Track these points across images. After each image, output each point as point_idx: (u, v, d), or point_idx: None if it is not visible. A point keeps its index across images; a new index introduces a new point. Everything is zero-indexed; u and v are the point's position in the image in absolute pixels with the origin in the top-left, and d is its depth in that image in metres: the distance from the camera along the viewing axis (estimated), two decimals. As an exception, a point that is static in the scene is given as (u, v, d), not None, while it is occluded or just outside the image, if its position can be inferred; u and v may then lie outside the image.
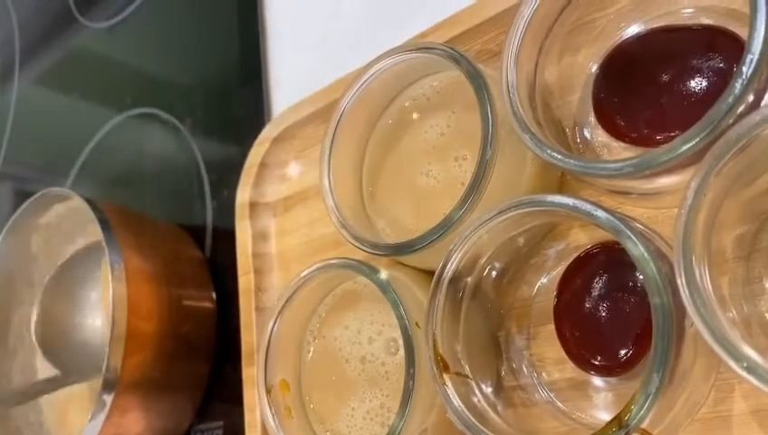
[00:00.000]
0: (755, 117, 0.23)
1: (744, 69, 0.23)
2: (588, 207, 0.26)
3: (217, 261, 0.51)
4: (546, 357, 0.32)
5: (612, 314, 0.30)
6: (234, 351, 0.45)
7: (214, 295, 0.51)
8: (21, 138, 0.76)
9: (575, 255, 0.31)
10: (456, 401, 0.27)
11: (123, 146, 0.62)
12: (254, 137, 0.46)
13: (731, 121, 0.24)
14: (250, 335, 0.43)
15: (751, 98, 0.24)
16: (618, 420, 0.24)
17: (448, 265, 0.29)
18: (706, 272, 0.24)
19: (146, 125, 0.60)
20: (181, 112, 0.57)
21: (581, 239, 0.32)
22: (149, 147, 0.59)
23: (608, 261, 0.31)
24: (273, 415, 0.33)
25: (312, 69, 0.48)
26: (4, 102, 0.79)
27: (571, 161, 0.26)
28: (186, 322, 0.48)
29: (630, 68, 0.31)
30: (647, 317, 0.25)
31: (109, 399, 0.43)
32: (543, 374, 0.32)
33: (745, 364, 0.21)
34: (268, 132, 0.45)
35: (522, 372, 0.32)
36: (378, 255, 0.31)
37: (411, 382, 0.29)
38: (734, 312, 0.26)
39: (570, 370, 0.31)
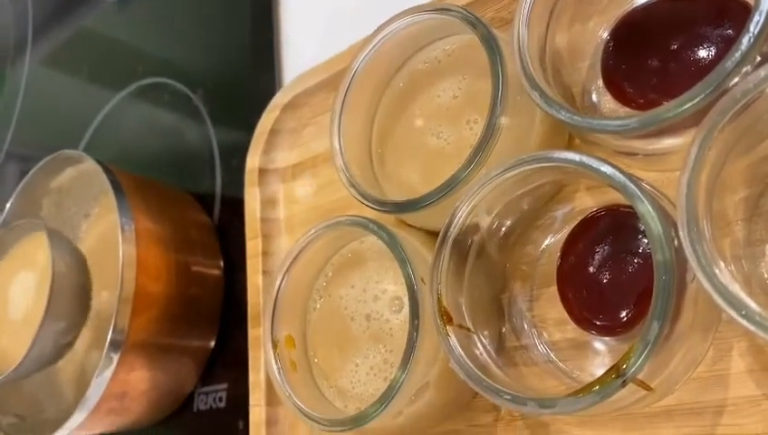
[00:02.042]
0: (761, 72, 0.23)
1: (752, 27, 0.24)
2: (594, 162, 0.26)
3: (226, 229, 0.52)
4: (548, 318, 0.32)
5: (615, 276, 0.31)
6: (239, 317, 0.46)
7: (221, 263, 0.51)
8: (30, 117, 0.76)
9: (580, 218, 0.32)
10: (459, 352, 0.28)
11: (134, 115, 0.62)
12: (265, 107, 0.47)
13: (736, 80, 0.24)
14: (256, 298, 0.43)
15: (757, 58, 0.25)
16: (616, 369, 0.24)
17: (455, 221, 0.29)
18: (709, 227, 0.25)
19: (157, 94, 0.61)
20: (193, 82, 0.58)
21: (587, 202, 0.32)
22: (161, 116, 0.60)
23: (612, 224, 0.31)
24: (278, 368, 0.33)
25: (325, 38, 0.49)
26: (14, 81, 0.79)
27: (578, 118, 0.27)
28: (193, 286, 0.49)
29: (640, 35, 0.31)
30: (649, 279, 0.26)
31: (115, 357, 0.44)
32: (545, 334, 0.32)
33: (744, 312, 0.22)
34: (279, 99, 0.46)
35: (523, 332, 0.33)
36: (385, 212, 0.32)
37: (415, 334, 0.29)
38: (735, 270, 0.27)
39: (571, 330, 0.32)
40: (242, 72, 0.54)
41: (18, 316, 0.49)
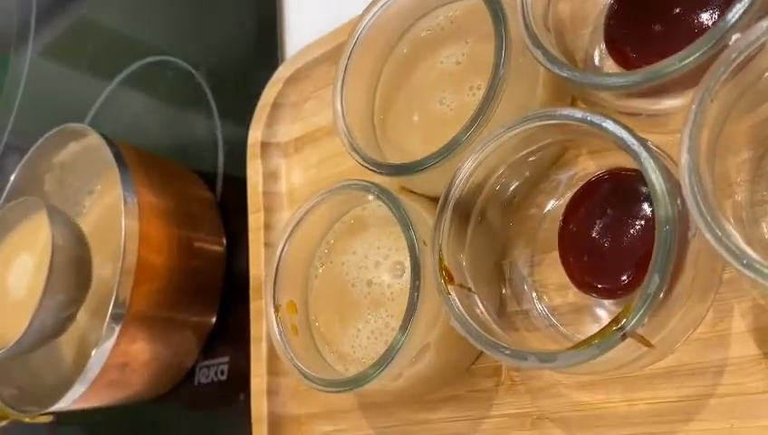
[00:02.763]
0: (763, 24, 0.23)
1: (755, -20, 0.24)
2: (598, 119, 0.26)
3: (228, 204, 0.52)
4: (549, 283, 0.32)
5: (616, 240, 0.31)
6: (241, 292, 0.46)
7: (223, 238, 0.52)
8: (33, 103, 0.76)
9: (583, 182, 0.32)
10: (460, 310, 0.28)
11: (137, 94, 0.63)
12: (267, 83, 0.47)
13: (737, 36, 0.24)
14: (258, 271, 0.44)
15: (759, 16, 0.25)
16: (616, 322, 0.25)
17: (457, 182, 0.29)
18: (710, 182, 0.25)
19: (160, 72, 0.61)
20: (195, 59, 0.58)
21: (591, 167, 0.32)
22: (163, 94, 0.60)
23: (615, 188, 0.31)
24: (280, 332, 0.34)
25: (327, 13, 0.49)
26: (17, 68, 0.79)
27: (580, 75, 0.27)
28: (195, 260, 0.49)
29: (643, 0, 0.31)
30: (650, 242, 0.26)
31: (117, 327, 0.44)
32: (545, 299, 0.32)
33: (745, 261, 0.22)
34: (281, 73, 0.46)
35: (524, 297, 0.33)
36: (385, 174, 0.32)
37: (416, 294, 0.29)
38: (736, 228, 0.27)
39: (572, 295, 0.32)
40: (244, 48, 0.54)
41: (19, 296, 0.50)
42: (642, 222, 0.30)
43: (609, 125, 0.26)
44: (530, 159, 0.31)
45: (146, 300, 0.45)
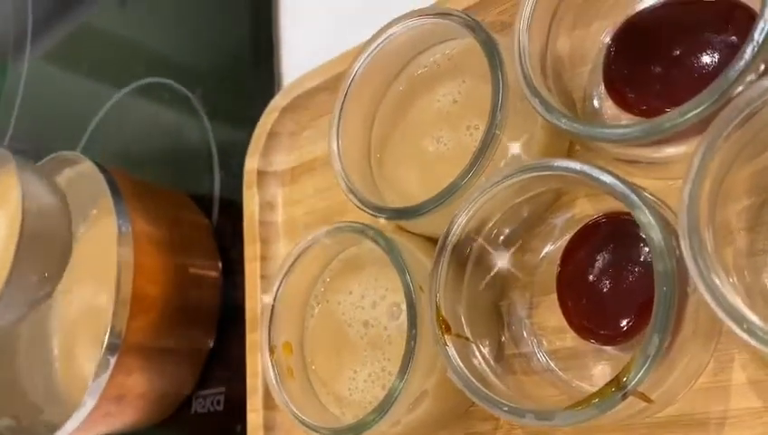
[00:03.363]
0: (765, 82, 0.23)
1: (756, 35, 0.23)
2: (595, 171, 0.26)
3: (224, 231, 0.52)
4: (547, 326, 0.32)
5: (615, 285, 0.30)
6: (237, 321, 0.46)
7: (220, 265, 0.51)
8: (30, 114, 0.76)
9: (580, 225, 0.31)
10: (457, 361, 0.28)
11: (132, 115, 0.62)
12: (264, 107, 0.46)
13: (740, 89, 0.24)
14: (254, 302, 0.43)
15: (762, 67, 0.24)
16: (616, 381, 0.24)
17: (453, 229, 0.29)
18: (711, 237, 0.24)
19: (155, 95, 0.60)
20: (192, 82, 0.57)
21: (587, 210, 0.32)
22: (159, 116, 0.60)
23: (613, 232, 0.31)
24: (275, 374, 0.33)
25: (325, 40, 0.48)
26: (14, 78, 0.79)
27: (579, 126, 0.26)
28: (191, 288, 0.48)
29: (643, 40, 0.31)
30: (650, 288, 0.25)
31: (112, 360, 0.43)
32: (544, 343, 0.32)
33: (745, 326, 0.22)
34: (278, 101, 0.45)
35: (523, 341, 0.32)
36: (383, 218, 0.32)
37: (413, 343, 0.29)
38: (737, 280, 0.26)
39: (570, 339, 0.31)
40: (241, 72, 0.54)
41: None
42: (640, 266, 0.30)
43: (608, 178, 0.25)
44: (526, 204, 0.30)
45: (142, 331, 0.45)
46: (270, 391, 0.39)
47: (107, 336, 0.43)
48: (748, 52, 0.23)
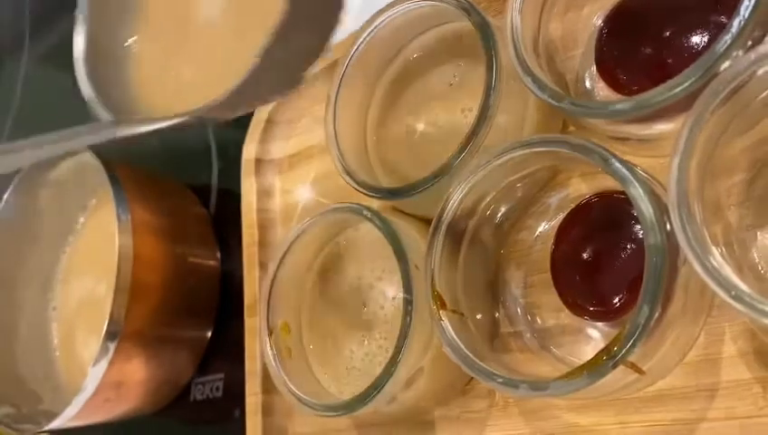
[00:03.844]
0: (751, 56, 0.23)
1: (742, 10, 0.24)
2: (587, 147, 0.26)
3: (222, 220, 0.52)
4: (542, 304, 0.32)
5: (608, 262, 0.31)
6: (236, 308, 0.46)
7: (218, 254, 0.52)
8: (28, 113, 0.76)
9: (574, 204, 0.32)
10: (452, 336, 0.28)
11: (132, 107, 0.62)
12: (262, 98, 0.47)
13: (727, 63, 0.24)
14: (253, 288, 0.44)
15: (749, 42, 0.25)
16: (607, 351, 0.25)
17: (449, 207, 0.30)
18: (700, 210, 0.25)
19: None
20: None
21: (582, 189, 0.32)
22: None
23: (606, 210, 0.31)
24: (273, 355, 0.34)
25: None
26: (10, 80, 0.79)
27: (570, 103, 0.27)
28: (190, 276, 0.49)
29: (634, 22, 0.31)
30: (641, 265, 0.26)
31: (112, 346, 0.44)
32: (539, 320, 0.33)
33: (734, 293, 0.22)
34: (275, 90, 0.46)
35: (517, 319, 0.33)
36: (378, 198, 0.32)
37: (409, 319, 0.29)
38: (727, 254, 0.27)
39: (565, 317, 0.32)
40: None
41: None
42: (633, 244, 0.30)
43: (599, 154, 0.26)
44: (521, 182, 0.31)
45: (141, 318, 0.45)
46: (268, 374, 0.39)
47: (106, 323, 0.43)
48: (735, 26, 0.24)
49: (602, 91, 0.32)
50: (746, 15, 0.24)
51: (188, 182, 0.54)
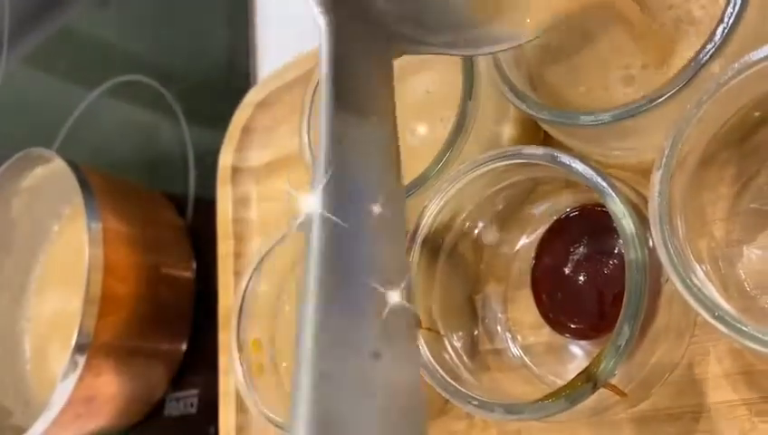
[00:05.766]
0: (734, 66, 0.22)
1: (726, 17, 0.23)
2: (566, 159, 0.25)
3: (199, 230, 0.51)
4: (522, 321, 0.31)
5: (590, 278, 0.30)
6: (212, 321, 0.45)
7: (194, 265, 0.50)
8: (5, 114, 0.75)
9: (555, 217, 0.31)
10: (427, 356, 0.27)
11: (109, 112, 0.61)
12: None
13: (711, 72, 0.23)
14: (227, 300, 0.42)
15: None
16: (586, 373, 0.24)
17: (424, 221, 0.28)
18: (683, 225, 0.24)
19: (131, 93, 0.59)
20: (167, 79, 0.56)
21: (563, 202, 0.31)
22: (134, 114, 0.59)
23: (588, 224, 0.30)
24: (242, 372, 0.32)
25: (299, 35, 0.48)
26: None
27: (548, 112, 0.26)
28: (163, 288, 0.47)
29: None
30: (624, 281, 0.25)
31: (81, 360, 0.42)
32: (519, 338, 0.31)
33: (717, 313, 0.21)
34: (252, 97, 0.45)
35: (497, 336, 0.32)
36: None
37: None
38: (711, 271, 0.26)
39: (546, 334, 0.31)
40: (216, 69, 0.53)
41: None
42: (615, 260, 0.29)
43: (578, 166, 0.25)
44: (500, 195, 0.30)
45: (112, 331, 0.44)
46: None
47: (75, 336, 0.42)
48: (718, 35, 0.23)
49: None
50: (730, 23, 0.23)
51: (164, 190, 0.53)
